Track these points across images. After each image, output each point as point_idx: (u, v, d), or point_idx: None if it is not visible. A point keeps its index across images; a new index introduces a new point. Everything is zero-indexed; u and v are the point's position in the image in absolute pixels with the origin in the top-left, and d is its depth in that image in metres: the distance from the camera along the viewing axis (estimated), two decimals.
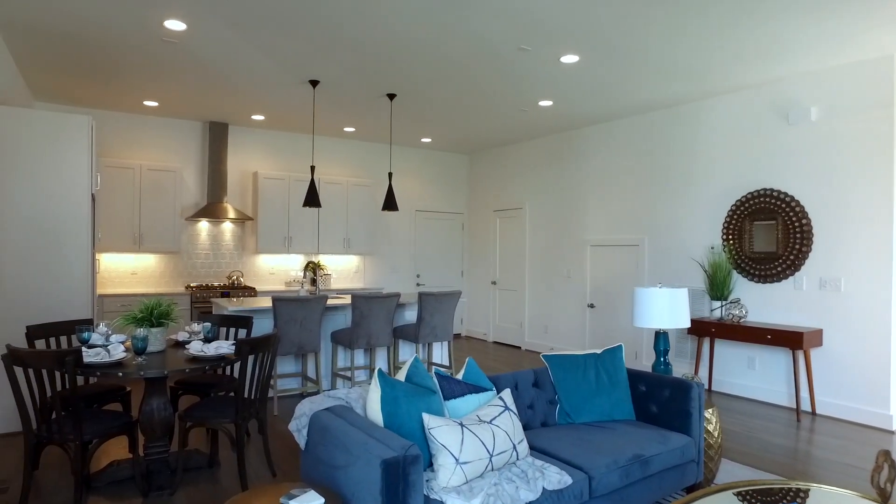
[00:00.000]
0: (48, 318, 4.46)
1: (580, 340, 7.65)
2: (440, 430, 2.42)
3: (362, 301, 5.31)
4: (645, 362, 6.78)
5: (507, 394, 2.86)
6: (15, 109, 4.47)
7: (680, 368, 6.34)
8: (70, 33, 4.54)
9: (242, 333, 4.98)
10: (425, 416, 2.45)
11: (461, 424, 2.51)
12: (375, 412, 2.50)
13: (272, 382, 5.16)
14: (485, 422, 2.62)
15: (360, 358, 6.12)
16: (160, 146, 7.23)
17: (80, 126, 4.67)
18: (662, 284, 6.35)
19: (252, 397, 3.55)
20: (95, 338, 3.56)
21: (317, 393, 5.57)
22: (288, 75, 5.55)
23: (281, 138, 8.04)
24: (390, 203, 6.22)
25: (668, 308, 3.64)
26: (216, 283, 7.51)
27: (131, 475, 3.60)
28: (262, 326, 5.45)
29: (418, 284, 9.29)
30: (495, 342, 9.16)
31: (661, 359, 3.79)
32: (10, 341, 4.32)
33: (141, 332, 3.35)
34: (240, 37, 4.60)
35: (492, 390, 2.95)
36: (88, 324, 3.89)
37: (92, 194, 4.87)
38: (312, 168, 5.79)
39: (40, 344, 3.83)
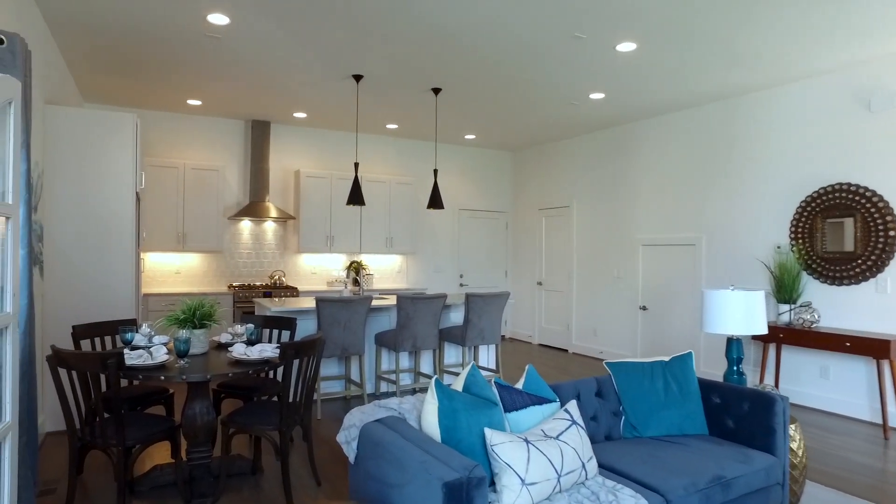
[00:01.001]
0: (94, 318, 4.41)
1: (631, 344, 7.30)
2: (504, 447, 2.19)
3: (408, 302, 5.12)
4: (704, 369, 6.38)
5: (572, 406, 2.60)
6: (63, 108, 4.44)
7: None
8: (116, 29, 4.48)
9: (286, 335, 4.86)
10: (487, 432, 2.22)
11: (526, 441, 2.27)
12: (432, 426, 2.29)
13: (316, 386, 5.01)
14: (551, 437, 2.37)
15: (404, 360, 5.93)
16: (203, 145, 7.22)
17: (125, 124, 4.62)
18: (735, 286, 5.96)
19: (296, 402, 3.38)
20: (138, 338, 3.46)
21: (360, 396, 5.40)
22: (331, 70, 5.41)
23: (323, 136, 7.94)
24: (435, 200, 6.02)
25: (742, 312, 3.31)
26: (258, 283, 7.46)
27: (174, 480, 3.48)
28: (306, 328, 5.32)
29: (461, 285, 9.07)
30: (541, 345, 8.86)
31: (735, 367, 3.47)
32: (58, 340, 4.28)
33: (183, 333, 3.23)
34: (283, 30, 4.46)
35: (555, 401, 2.70)
36: (132, 324, 3.80)
37: (136, 193, 4.81)
38: (356, 165, 5.63)
39: (86, 344, 3.78)
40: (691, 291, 6.57)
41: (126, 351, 3.09)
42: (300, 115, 7.11)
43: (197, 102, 6.55)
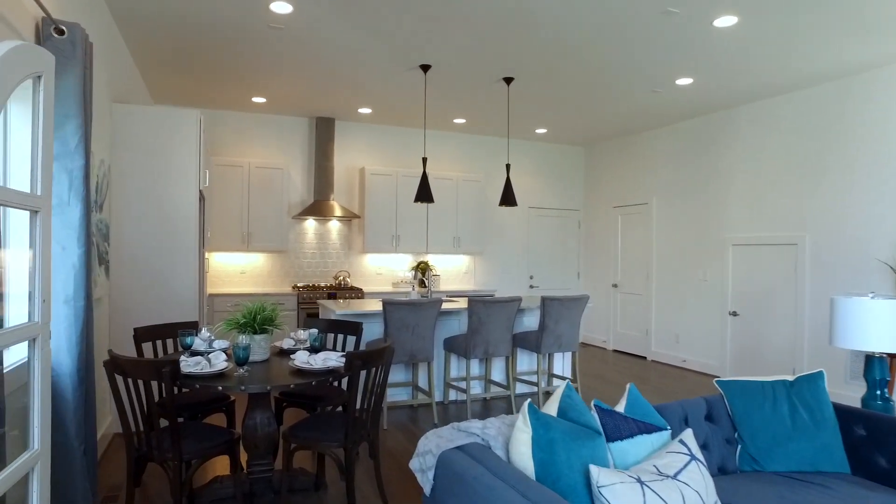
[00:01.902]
0: (159, 319, 4.30)
1: (719, 353, 6.64)
2: (614, 489, 1.78)
3: (480, 306, 4.76)
4: None
5: (689, 437, 2.15)
6: (129, 106, 4.36)
7: (854, 395, 5.20)
8: (180, 23, 4.36)
9: (351, 341, 4.58)
10: (593, 470, 1.82)
11: (639, 481, 1.85)
12: (524, 458, 1.91)
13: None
14: (667, 476, 1.94)
15: (474, 367, 5.58)
16: (268, 144, 7.13)
17: (189, 121, 4.49)
18: (875, 294, 5.25)
19: (363, 416, 3.08)
20: (198, 343, 3.26)
21: (429, 405, 5.08)
22: (397, 60, 5.12)
23: (388, 133, 7.70)
24: (508, 197, 5.63)
25: (890, 325, 2.75)
26: (322, 284, 7.30)
27: (233, 494, 3.27)
28: (371, 332, 5.05)
29: (531, 286, 8.63)
30: (616, 351, 8.29)
31: (878, 392, 2.90)
32: (122, 343, 4.19)
33: (243, 339, 2.99)
34: (347, 18, 4.20)
35: (666, 430, 2.26)
36: (192, 327, 3.63)
37: (200, 191, 4.69)
38: (424, 160, 5.32)
39: (147, 347, 3.64)
40: (792, 296, 5.87)
41: (184, 358, 2.88)
42: (365, 110, 6.89)
43: (261, 100, 6.44)
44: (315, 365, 2.93)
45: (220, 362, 2.90)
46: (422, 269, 7.65)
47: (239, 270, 6.97)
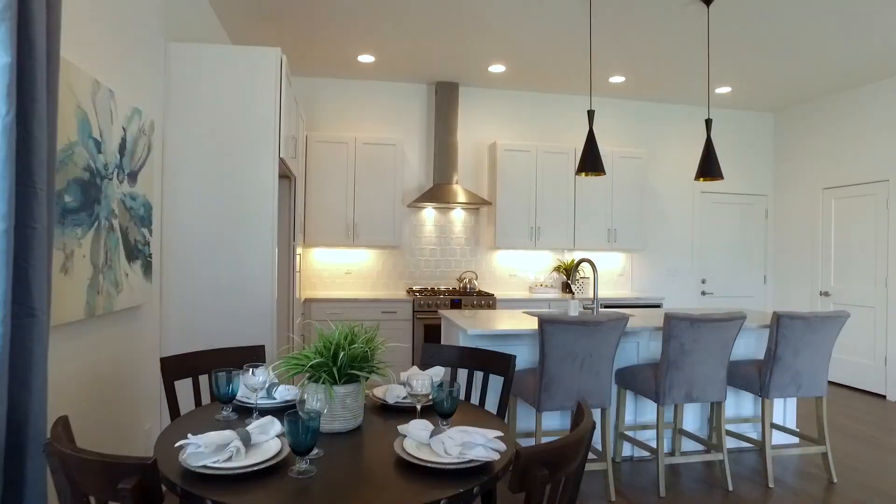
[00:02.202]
0: (217, 338, 3.09)
1: None
2: None
3: (685, 327, 3.09)
4: None
5: None
6: (184, 45, 3.21)
7: None
8: None
9: (494, 380, 3.01)
10: None
11: None
12: None
13: None
14: None
15: (652, 409, 3.89)
16: (378, 117, 5.89)
17: (266, 63, 3.26)
18: None
19: None
20: (246, 392, 1.94)
21: (603, 472, 3.46)
22: None
23: (525, 99, 6.18)
24: (711, 167, 3.88)
25: None
26: (443, 287, 5.94)
27: None
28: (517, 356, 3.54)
29: (703, 293, 6.68)
30: (832, 383, 6.11)
31: None
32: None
33: (313, 397, 1.62)
34: None
35: None
36: (255, 356, 2.34)
37: (285, 165, 3.45)
38: (590, 114, 3.73)
39: (184, 386, 2.41)
40: None
41: (194, 442, 1.51)
42: (497, 68, 5.41)
43: (369, 59, 5.18)
44: (448, 456, 1.47)
45: (269, 439, 1.53)
46: (566, 269, 6.03)
47: (344, 270, 5.79)
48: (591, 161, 3.69)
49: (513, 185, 5.75)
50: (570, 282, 5.95)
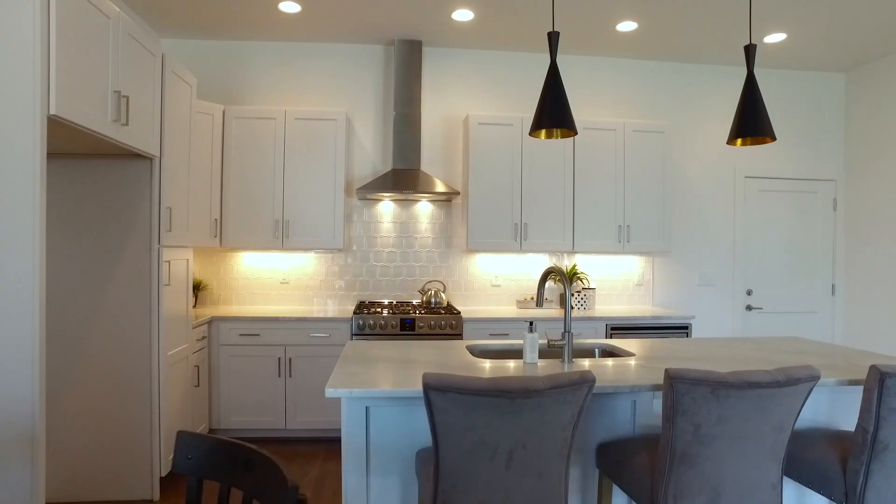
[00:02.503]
0: None
1: None
2: None
3: (700, 396, 1.76)
4: None
5: None
6: None
7: None
8: None
9: None
10: None
11: None
12: None
13: None
14: None
15: None
16: (320, 86, 4.68)
17: None
18: None
19: None
20: None
21: None
22: None
23: (504, 61, 4.86)
24: (753, 122, 2.50)
25: None
26: (400, 301, 4.70)
27: None
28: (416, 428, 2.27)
29: (749, 308, 5.19)
30: None
31: None
32: None
33: None
34: None
35: None
36: None
37: (119, 139, 2.29)
38: (553, 37, 2.41)
39: None
40: None
41: None
42: (463, 14, 4.12)
43: (294, 7, 3.98)
44: None
45: None
46: (558, 277, 4.68)
47: (279, 279, 4.62)
48: (552, 113, 2.36)
49: (490, 170, 4.45)
50: (567, 292, 4.59)
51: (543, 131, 2.55)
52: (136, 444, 3.07)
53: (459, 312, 4.22)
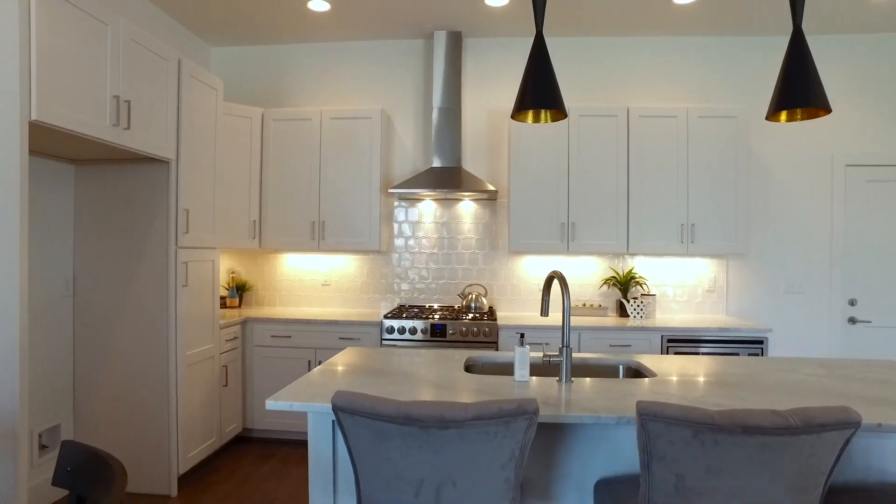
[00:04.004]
0: None
1: None
2: None
3: (680, 439, 1.42)
4: None
5: None
6: None
7: None
8: None
9: None
10: None
11: None
12: None
13: None
14: None
15: None
16: (359, 84, 4.60)
17: None
18: None
19: None
20: None
21: None
22: None
23: (555, 48, 4.49)
24: (800, 91, 2.03)
25: None
26: (443, 305, 4.50)
27: None
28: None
29: (853, 321, 4.41)
30: None
31: None
32: None
33: None
34: None
35: None
36: None
37: (123, 144, 2.33)
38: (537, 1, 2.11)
39: None
40: None
41: None
42: (496, 0, 3.84)
43: (323, 6, 3.91)
44: None
45: None
46: (621, 283, 4.26)
47: (320, 281, 4.60)
48: (537, 92, 2.05)
49: (534, 165, 4.13)
50: (625, 300, 4.17)
51: (530, 115, 2.23)
52: (156, 439, 3.14)
53: (495, 319, 3.94)
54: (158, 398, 3.13)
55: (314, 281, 4.59)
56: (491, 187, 4.04)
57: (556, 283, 4.44)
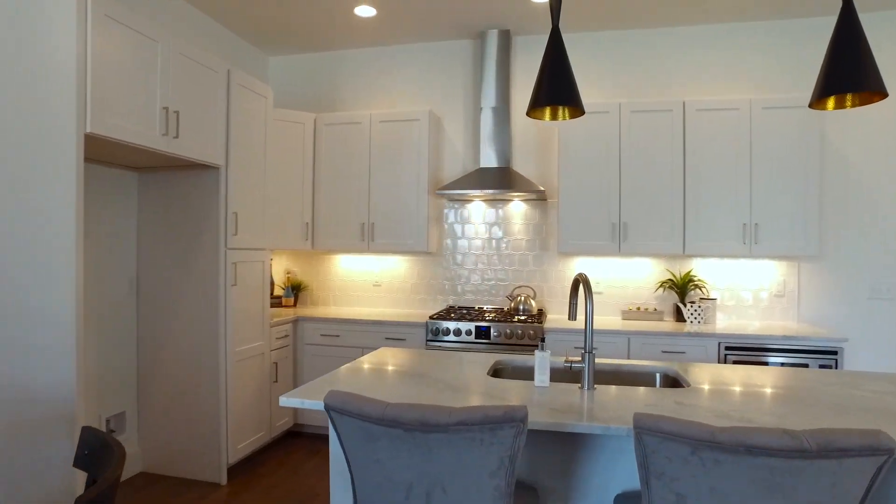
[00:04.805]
0: None
1: None
2: None
3: (678, 456, 1.35)
4: None
5: None
6: None
7: None
8: None
9: None
10: None
11: None
12: None
13: None
14: None
15: None
16: (410, 87, 4.64)
17: (56, 2, 2.36)
18: None
19: None
20: None
21: None
22: None
23: (604, 42, 4.33)
24: (853, 74, 1.84)
25: None
26: (494, 307, 4.46)
27: None
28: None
29: None
30: None
31: None
32: None
33: None
34: None
35: None
36: None
37: (169, 150, 2.51)
38: None
39: None
40: None
41: None
42: None
43: (370, 11, 3.99)
44: None
45: None
46: (678, 286, 4.05)
47: (372, 281, 4.69)
48: (552, 87, 1.98)
49: (583, 164, 4.00)
50: (682, 305, 3.96)
51: (548, 112, 2.16)
52: (208, 430, 3.32)
53: (542, 321, 3.86)
54: (209, 391, 3.31)
55: (366, 282, 4.69)
56: (540, 187, 3.96)
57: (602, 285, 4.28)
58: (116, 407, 3.32)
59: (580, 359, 2.16)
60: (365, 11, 3.99)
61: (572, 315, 2.24)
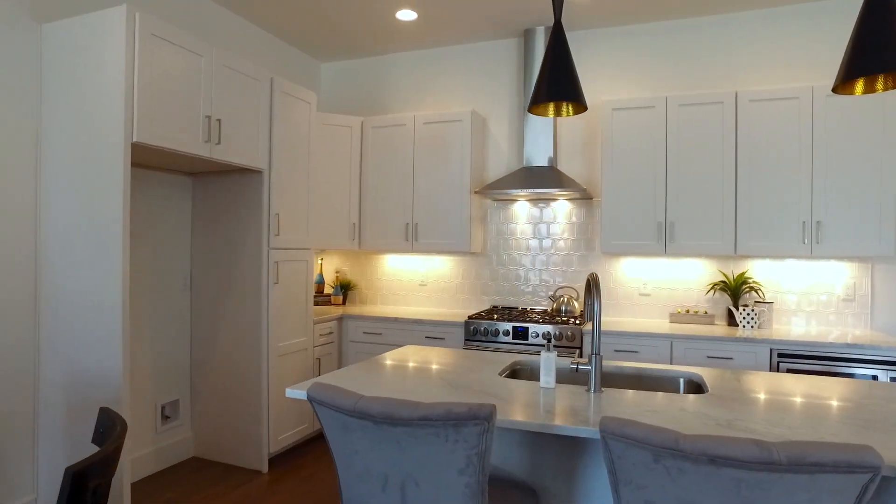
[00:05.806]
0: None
1: None
2: None
3: (640, 462, 1.43)
4: None
5: None
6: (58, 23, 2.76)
7: None
8: None
9: None
10: None
11: None
12: None
13: None
14: None
15: None
16: (450, 88, 4.67)
17: (109, 26, 2.59)
18: None
19: None
20: None
21: None
22: None
23: (651, 34, 4.16)
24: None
25: None
26: (538, 307, 4.40)
27: None
28: None
29: None
30: None
31: None
32: None
33: None
34: None
35: None
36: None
37: (213, 157, 2.72)
38: None
39: None
40: None
41: None
42: None
43: (411, 15, 4.06)
44: None
45: None
46: (731, 288, 3.82)
47: (418, 281, 4.76)
48: (553, 83, 1.95)
49: (628, 161, 3.87)
50: (734, 308, 3.74)
51: (551, 108, 2.12)
52: (251, 420, 3.51)
53: (582, 324, 3.77)
54: (252, 384, 3.50)
55: (412, 281, 4.77)
56: (584, 186, 3.88)
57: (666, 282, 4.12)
58: (171, 395, 3.59)
59: (588, 362, 2.11)
60: (406, 15, 4.07)
61: (588, 316, 2.19)
